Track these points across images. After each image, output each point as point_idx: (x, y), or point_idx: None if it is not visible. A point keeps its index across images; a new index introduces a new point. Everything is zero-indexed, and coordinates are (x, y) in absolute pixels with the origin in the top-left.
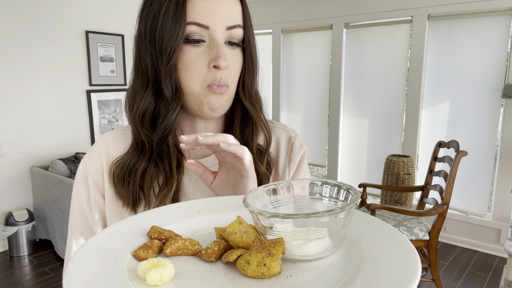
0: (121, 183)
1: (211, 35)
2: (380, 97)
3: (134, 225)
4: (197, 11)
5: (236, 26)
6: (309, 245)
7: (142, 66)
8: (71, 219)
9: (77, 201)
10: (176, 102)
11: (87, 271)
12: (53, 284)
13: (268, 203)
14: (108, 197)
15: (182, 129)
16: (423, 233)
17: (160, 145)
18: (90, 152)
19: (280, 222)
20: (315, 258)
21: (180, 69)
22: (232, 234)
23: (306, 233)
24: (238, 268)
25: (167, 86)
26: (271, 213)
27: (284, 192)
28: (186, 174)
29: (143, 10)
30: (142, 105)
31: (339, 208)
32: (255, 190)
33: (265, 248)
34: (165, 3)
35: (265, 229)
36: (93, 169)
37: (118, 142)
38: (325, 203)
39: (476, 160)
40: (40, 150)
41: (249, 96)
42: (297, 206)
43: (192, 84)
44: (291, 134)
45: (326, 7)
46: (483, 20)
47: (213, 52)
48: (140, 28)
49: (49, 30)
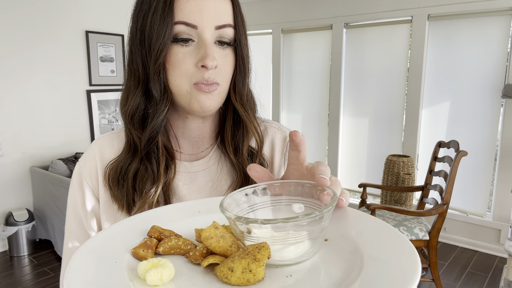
0: (116, 186)
1: (199, 35)
2: (380, 97)
3: (134, 225)
4: (185, 10)
5: (226, 25)
6: (288, 249)
7: (134, 66)
8: (67, 222)
9: (72, 205)
10: (165, 102)
11: (87, 271)
12: (53, 284)
13: (246, 207)
14: (103, 200)
15: (175, 131)
16: (423, 233)
17: (148, 146)
18: (85, 155)
19: (258, 227)
20: (295, 262)
21: (168, 68)
22: (208, 239)
23: (285, 238)
24: (219, 277)
25: (155, 86)
26: (249, 219)
27: (261, 195)
28: (180, 176)
29: (135, 10)
30: (131, 105)
31: (317, 212)
32: (231, 194)
33: (249, 254)
34: (154, 3)
35: (243, 234)
36: (87, 173)
37: (112, 145)
38: (302, 205)
39: (476, 160)
40: (40, 150)
41: (240, 97)
42: (274, 208)
43: (180, 83)
44: (286, 133)
45: (326, 7)
46: (483, 20)
47: (201, 52)
48: (132, 28)
49: (49, 30)
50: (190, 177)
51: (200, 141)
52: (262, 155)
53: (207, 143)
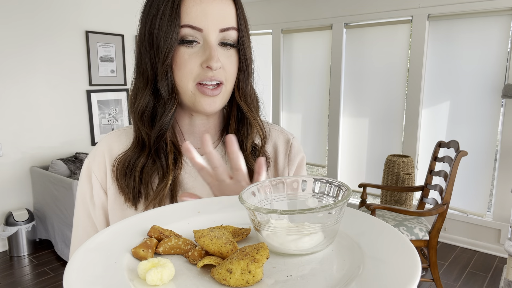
0: (123, 178)
1: (204, 37)
2: (380, 97)
3: (134, 225)
4: (191, 14)
5: (229, 28)
6: (303, 240)
7: (143, 66)
8: (75, 215)
9: (81, 198)
10: (172, 102)
11: (87, 271)
12: (53, 284)
13: (263, 199)
14: (111, 193)
15: (180, 127)
16: (423, 233)
17: (158, 142)
18: (94, 151)
19: (276, 218)
20: (309, 252)
21: (174, 69)
22: (200, 237)
23: (301, 228)
24: (217, 279)
25: (163, 85)
26: (269, 209)
27: (277, 189)
28: (185, 169)
29: (144, 12)
30: (141, 103)
31: (333, 204)
32: (249, 188)
33: (248, 255)
34: (162, 7)
35: (261, 224)
36: (96, 167)
37: (120, 141)
38: (317, 199)
39: (476, 160)
40: (40, 150)
41: (244, 96)
42: (290, 202)
43: (185, 83)
44: (288, 136)
45: (326, 7)
46: (483, 20)
47: (206, 54)
48: (141, 30)
49: (49, 30)
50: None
51: None
52: (265, 151)
53: (212, 139)
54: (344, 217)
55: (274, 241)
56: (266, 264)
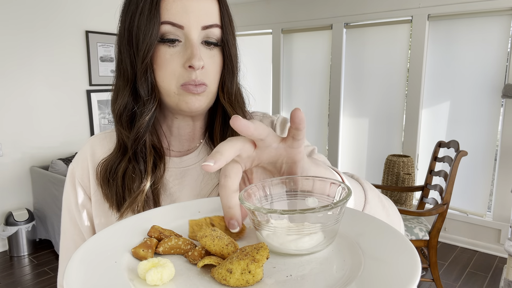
0: (106, 184)
1: (186, 35)
2: (380, 97)
3: (134, 225)
4: (171, 10)
5: (212, 25)
6: (303, 240)
7: (123, 66)
8: (62, 223)
9: (67, 205)
10: (152, 102)
11: (87, 271)
12: (53, 284)
13: (263, 199)
14: (95, 199)
15: (164, 128)
16: (423, 233)
17: (136, 145)
18: (77, 156)
19: (276, 218)
20: (309, 252)
21: (155, 69)
22: (202, 237)
23: (301, 228)
24: (217, 279)
25: (142, 86)
26: (268, 209)
27: (276, 188)
28: (170, 172)
29: (123, 10)
30: (120, 104)
31: (333, 204)
32: (248, 188)
33: (248, 255)
34: (141, 3)
35: (261, 224)
36: (79, 172)
37: (103, 144)
38: (316, 199)
39: (476, 160)
40: (40, 150)
41: (229, 96)
42: (290, 202)
43: (167, 84)
44: (273, 118)
45: (326, 7)
46: (483, 20)
47: (188, 52)
48: (120, 28)
49: (49, 30)
50: (181, 172)
51: (190, 138)
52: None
53: (197, 141)
54: (344, 217)
55: (274, 241)
56: (266, 264)
